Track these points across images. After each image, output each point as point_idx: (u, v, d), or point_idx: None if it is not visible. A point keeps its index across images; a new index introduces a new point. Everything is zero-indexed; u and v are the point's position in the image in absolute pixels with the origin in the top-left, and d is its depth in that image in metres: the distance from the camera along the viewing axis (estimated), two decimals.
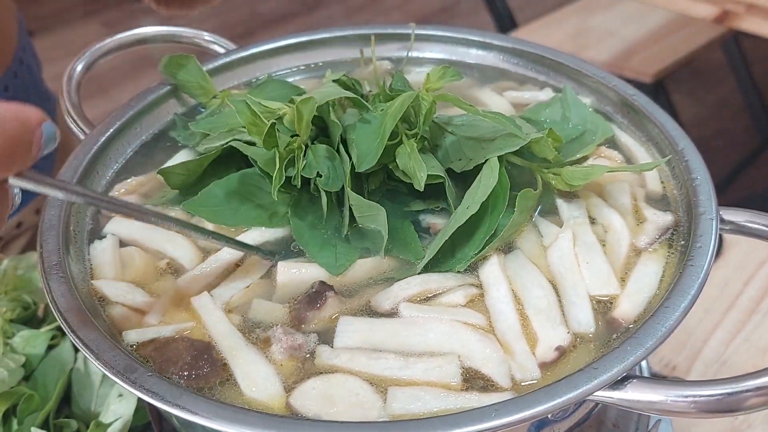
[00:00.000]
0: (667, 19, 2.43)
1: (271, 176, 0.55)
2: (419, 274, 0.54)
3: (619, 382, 0.44)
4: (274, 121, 0.55)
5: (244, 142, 0.59)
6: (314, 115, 0.56)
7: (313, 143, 0.58)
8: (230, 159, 0.61)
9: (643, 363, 0.70)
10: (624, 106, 0.66)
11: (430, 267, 0.54)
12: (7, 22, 1.04)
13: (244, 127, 0.55)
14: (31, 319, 0.81)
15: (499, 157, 0.54)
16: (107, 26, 4.30)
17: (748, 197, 2.56)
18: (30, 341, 0.76)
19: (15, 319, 0.79)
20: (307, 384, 0.46)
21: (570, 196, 0.59)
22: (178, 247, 0.59)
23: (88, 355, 0.44)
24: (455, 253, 0.55)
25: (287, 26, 4.10)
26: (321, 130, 0.60)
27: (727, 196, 2.76)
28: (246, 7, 4.34)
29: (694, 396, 0.43)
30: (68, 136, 1.16)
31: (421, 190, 0.55)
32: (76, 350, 0.75)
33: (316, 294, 0.50)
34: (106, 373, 0.44)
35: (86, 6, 4.41)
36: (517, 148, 0.54)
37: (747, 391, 0.42)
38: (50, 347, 0.76)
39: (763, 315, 0.92)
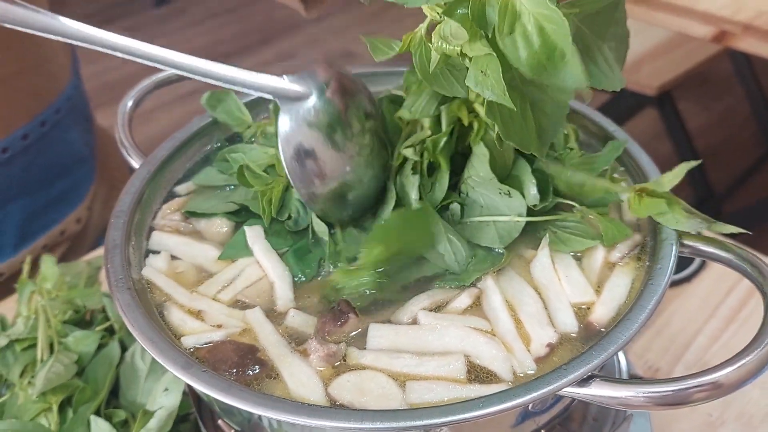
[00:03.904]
0: (672, 32, 2.49)
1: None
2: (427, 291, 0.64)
3: (584, 381, 0.53)
4: (242, 164, 0.70)
5: None
6: None
7: None
8: None
9: (624, 365, 0.80)
10: (607, 140, 0.76)
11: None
12: (59, 53, 1.14)
13: None
14: (81, 321, 0.91)
15: None
16: (128, 32, 4.39)
17: (753, 205, 2.62)
18: (82, 341, 0.85)
19: (67, 321, 0.88)
20: (343, 377, 0.57)
21: None
22: (210, 260, 0.69)
23: (154, 355, 0.55)
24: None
25: (301, 33, 4.19)
26: None
27: (733, 203, 2.83)
28: (263, 13, 4.43)
29: (646, 392, 0.52)
30: (106, 150, 1.27)
31: None
32: (123, 350, 0.85)
33: (340, 313, 0.60)
34: (169, 368, 0.54)
35: (107, 12, 4.51)
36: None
37: (690, 388, 0.52)
38: (100, 346, 0.86)
39: (741, 323, 1.01)
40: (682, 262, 1.06)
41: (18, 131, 1.07)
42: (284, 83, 0.64)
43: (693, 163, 0.63)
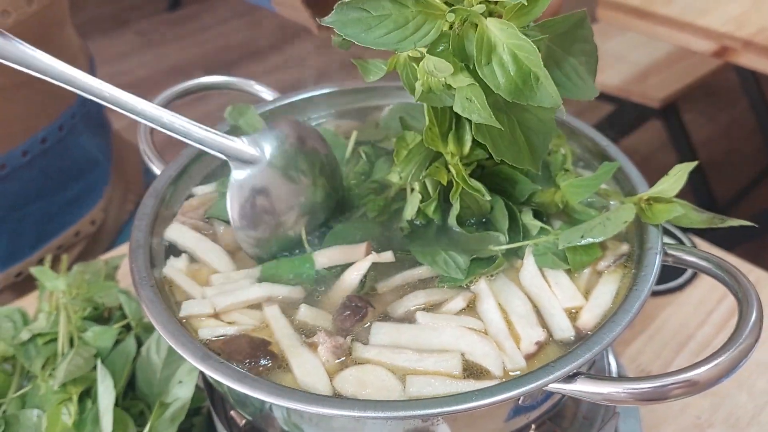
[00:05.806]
0: (677, 45, 2.51)
1: None
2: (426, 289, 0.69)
3: (570, 377, 0.58)
4: None
5: None
6: None
7: None
8: None
9: (614, 367, 0.84)
10: (599, 154, 0.80)
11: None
12: (78, 60, 1.19)
13: None
14: (99, 318, 0.95)
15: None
16: (140, 35, 4.47)
17: (756, 216, 2.64)
18: (100, 336, 0.88)
19: (87, 317, 0.93)
20: (346, 371, 0.61)
21: None
22: (221, 260, 0.73)
23: (175, 346, 0.59)
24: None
25: (311, 39, 4.22)
26: None
27: (736, 214, 2.83)
28: (273, 19, 4.47)
29: (627, 388, 0.57)
30: (121, 153, 1.31)
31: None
32: (139, 345, 0.89)
33: (358, 308, 0.65)
34: (188, 359, 0.58)
35: (119, 15, 4.56)
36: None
37: (668, 385, 0.56)
38: (117, 342, 0.90)
39: (731, 330, 1.04)
40: (675, 272, 1.10)
41: (38, 134, 1.11)
42: (238, 145, 0.70)
43: (690, 165, 0.68)
